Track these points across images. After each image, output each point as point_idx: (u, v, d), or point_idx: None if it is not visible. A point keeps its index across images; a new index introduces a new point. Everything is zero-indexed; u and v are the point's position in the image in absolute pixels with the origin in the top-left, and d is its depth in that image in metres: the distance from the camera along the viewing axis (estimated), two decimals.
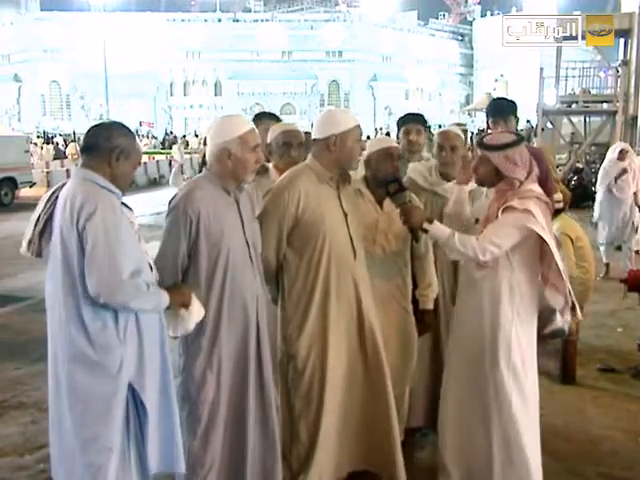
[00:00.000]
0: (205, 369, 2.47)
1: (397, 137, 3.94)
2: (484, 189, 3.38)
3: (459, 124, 5.84)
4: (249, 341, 2.54)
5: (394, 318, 3.09)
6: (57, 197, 2.23)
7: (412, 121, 3.83)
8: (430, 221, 2.79)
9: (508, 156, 2.71)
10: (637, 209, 7.71)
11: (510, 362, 2.79)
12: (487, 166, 2.77)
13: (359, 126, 2.83)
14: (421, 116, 3.95)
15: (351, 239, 2.82)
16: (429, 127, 4.00)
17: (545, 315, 2.94)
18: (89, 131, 2.34)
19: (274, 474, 2.63)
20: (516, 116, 3.80)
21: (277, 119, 3.71)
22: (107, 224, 2.13)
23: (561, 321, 3.69)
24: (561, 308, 2.81)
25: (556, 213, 4.94)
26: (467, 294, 2.94)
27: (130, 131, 2.37)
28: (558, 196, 5.09)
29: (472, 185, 3.46)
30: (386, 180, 2.96)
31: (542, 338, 3.90)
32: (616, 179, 7.65)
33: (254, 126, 2.59)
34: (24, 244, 2.27)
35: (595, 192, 8.56)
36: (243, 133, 2.51)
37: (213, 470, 2.51)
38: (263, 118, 3.67)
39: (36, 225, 2.22)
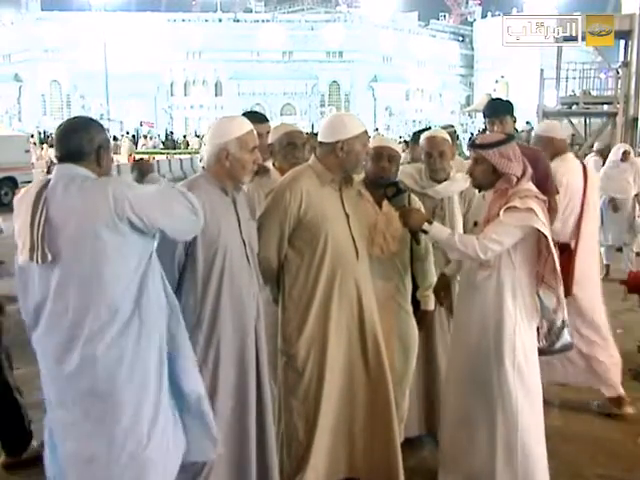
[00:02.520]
0: (200, 365, 2.46)
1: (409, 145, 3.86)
2: (476, 190, 3.39)
3: (445, 127, 5.83)
4: (247, 338, 2.55)
5: (393, 319, 3.09)
6: (46, 198, 2.11)
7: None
8: (429, 222, 2.79)
9: (502, 152, 2.75)
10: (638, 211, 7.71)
11: (515, 361, 2.80)
12: (482, 166, 2.79)
13: (366, 131, 2.83)
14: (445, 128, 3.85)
15: (353, 240, 2.82)
16: (429, 127, 4.00)
17: (554, 330, 2.93)
18: (65, 136, 2.22)
19: (271, 473, 2.63)
20: (512, 116, 3.79)
21: (263, 120, 3.60)
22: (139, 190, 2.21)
23: (569, 335, 3.70)
24: (555, 307, 2.81)
25: None
26: (469, 296, 2.94)
27: (96, 121, 2.32)
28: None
29: (464, 185, 3.47)
30: (380, 182, 2.97)
31: (552, 353, 3.90)
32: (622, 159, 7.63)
33: (252, 127, 2.59)
34: (24, 254, 2.11)
35: None
36: (242, 134, 2.52)
37: (214, 468, 2.50)
38: (255, 123, 3.57)
39: (33, 230, 2.08)
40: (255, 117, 3.45)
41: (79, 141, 2.20)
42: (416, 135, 3.83)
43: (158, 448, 2.21)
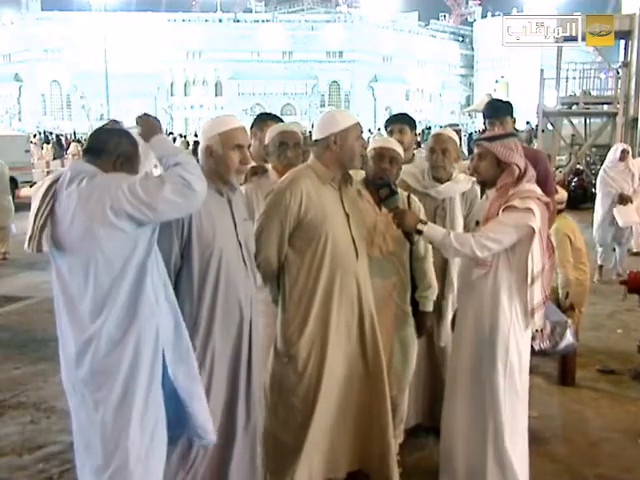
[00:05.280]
0: (198, 368, 2.45)
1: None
2: (478, 190, 3.39)
3: (451, 125, 5.96)
4: (242, 340, 2.54)
5: (391, 318, 3.09)
6: (55, 191, 2.19)
7: (396, 121, 3.82)
8: (424, 223, 2.80)
9: (505, 144, 2.80)
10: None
11: (507, 362, 2.80)
12: (487, 158, 2.82)
13: (358, 124, 2.83)
14: (406, 115, 3.96)
15: (353, 240, 2.82)
16: (429, 128, 4.02)
17: (557, 332, 2.92)
18: (97, 132, 2.34)
19: (254, 470, 2.64)
20: (512, 117, 3.80)
21: (280, 121, 3.68)
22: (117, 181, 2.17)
23: (572, 336, 3.70)
24: (539, 302, 2.81)
25: (558, 212, 4.97)
26: (465, 294, 2.95)
27: (132, 137, 2.37)
28: (561, 197, 5.11)
29: (466, 186, 3.47)
30: (376, 182, 2.97)
31: (555, 354, 3.91)
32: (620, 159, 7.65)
33: (241, 125, 2.55)
34: (25, 242, 2.22)
35: (595, 194, 8.53)
36: (224, 131, 2.48)
37: (199, 465, 2.50)
38: (268, 121, 3.62)
39: (36, 221, 2.18)
40: (275, 119, 3.53)
41: (105, 140, 2.27)
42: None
43: (143, 442, 2.22)
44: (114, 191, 2.11)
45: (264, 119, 3.69)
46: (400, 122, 3.79)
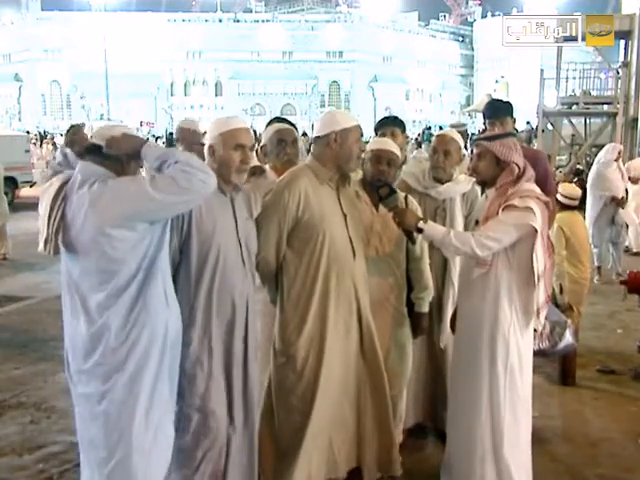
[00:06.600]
0: (195, 363, 2.46)
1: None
2: (479, 190, 3.39)
3: (457, 125, 5.94)
4: (234, 338, 2.54)
5: (388, 318, 3.09)
6: (66, 194, 2.22)
7: (387, 124, 3.85)
8: (424, 221, 2.80)
9: (504, 143, 2.82)
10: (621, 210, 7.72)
11: (508, 363, 2.79)
12: (486, 158, 2.83)
13: (359, 126, 2.84)
14: (396, 118, 3.98)
15: (350, 240, 2.82)
16: (429, 128, 4.02)
17: (556, 332, 2.91)
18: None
19: (251, 470, 2.64)
20: (512, 117, 3.81)
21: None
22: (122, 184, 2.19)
23: (571, 336, 3.71)
24: (542, 302, 2.81)
25: (569, 208, 4.99)
26: (467, 294, 2.95)
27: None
28: (574, 193, 5.10)
29: (466, 187, 3.47)
30: (374, 183, 2.97)
31: (554, 355, 3.91)
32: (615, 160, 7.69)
33: (244, 126, 2.56)
34: (41, 244, 2.25)
35: None
36: (225, 131, 2.50)
37: (204, 463, 2.51)
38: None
39: (50, 224, 2.21)
40: (283, 121, 3.52)
41: None
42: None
43: (147, 436, 2.24)
44: (125, 193, 2.13)
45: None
46: (391, 125, 3.82)
